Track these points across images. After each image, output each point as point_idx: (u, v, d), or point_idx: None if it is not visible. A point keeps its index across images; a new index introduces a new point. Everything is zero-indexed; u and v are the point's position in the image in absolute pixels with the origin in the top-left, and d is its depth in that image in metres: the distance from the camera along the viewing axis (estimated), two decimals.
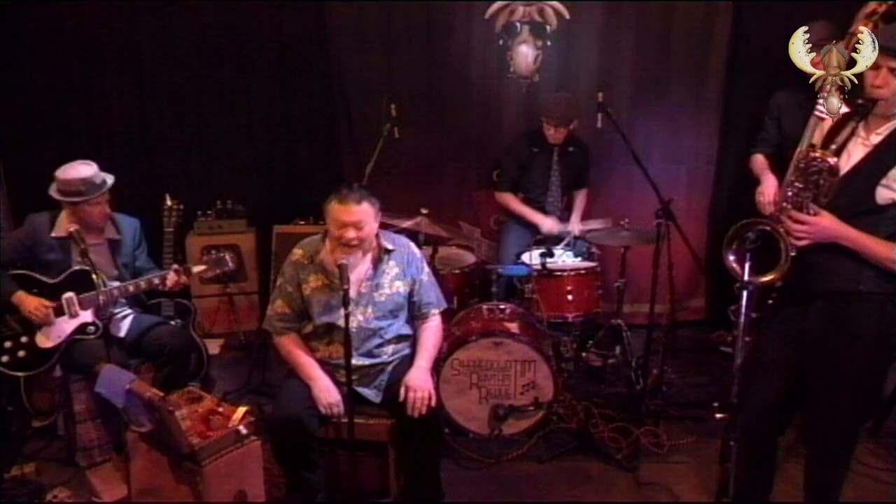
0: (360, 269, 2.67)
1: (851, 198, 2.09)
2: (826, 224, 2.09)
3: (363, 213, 2.53)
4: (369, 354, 2.70)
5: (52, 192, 3.04)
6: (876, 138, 2.11)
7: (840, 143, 2.11)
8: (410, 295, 2.77)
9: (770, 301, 2.27)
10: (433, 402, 2.58)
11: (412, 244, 2.85)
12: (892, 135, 2.09)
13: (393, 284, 2.72)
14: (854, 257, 2.09)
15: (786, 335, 2.29)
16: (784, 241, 2.10)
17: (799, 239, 2.11)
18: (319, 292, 2.67)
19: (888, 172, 2.04)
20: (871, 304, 2.12)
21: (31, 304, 2.96)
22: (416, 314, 2.82)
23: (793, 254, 2.11)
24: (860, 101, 2.10)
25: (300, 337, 2.75)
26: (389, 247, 2.72)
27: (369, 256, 2.70)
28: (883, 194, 2.05)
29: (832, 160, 2.07)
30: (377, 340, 2.71)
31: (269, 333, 2.82)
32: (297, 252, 2.74)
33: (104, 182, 3.10)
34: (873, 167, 2.08)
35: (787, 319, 2.28)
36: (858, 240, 2.07)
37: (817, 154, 2.10)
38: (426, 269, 2.83)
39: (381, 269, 2.71)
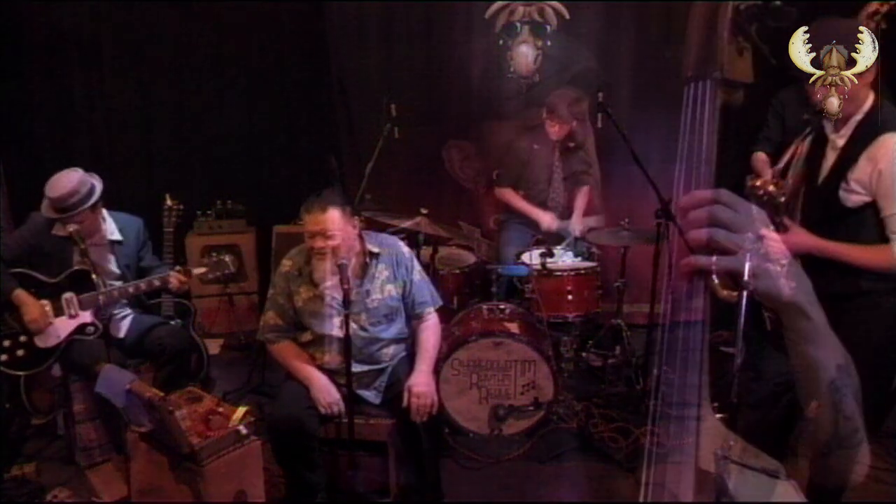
0: None
1: (821, 205, 2.07)
2: (796, 241, 2.05)
3: (328, 222, 2.44)
4: (368, 360, 2.69)
5: (44, 208, 2.99)
6: (841, 141, 2.09)
7: (785, 162, 2.10)
8: (404, 296, 2.72)
9: None
10: (435, 410, 2.56)
11: (399, 242, 2.78)
12: (854, 132, 2.06)
13: (384, 289, 2.66)
14: None
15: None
16: None
17: None
18: (311, 304, 2.64)
19: (846, 175, 2.03)
20: (874, 300, 2.10)
21: (32, 311, 2.91)
22: (410, 314, 2.77)
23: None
24: (806, 117, 2.08)
25: (296, 344, 2.73)
26: (375, 250, 2.65)
27: (353, 262, 2.61)
28: (851, 198, 2.03)
29: (770, 188, 2.03)
30: (375, 346, 2.69)
31: None
32: (287, 263, 2.70)
33: (90, 192, 2.97)
34: (839, 171, 2.06)
35: None
36: (837, 250, 2.04)
37: (757, 183, 2.06)
38: (417, 267, 2.76)
39: (370, 273, 2.65)
